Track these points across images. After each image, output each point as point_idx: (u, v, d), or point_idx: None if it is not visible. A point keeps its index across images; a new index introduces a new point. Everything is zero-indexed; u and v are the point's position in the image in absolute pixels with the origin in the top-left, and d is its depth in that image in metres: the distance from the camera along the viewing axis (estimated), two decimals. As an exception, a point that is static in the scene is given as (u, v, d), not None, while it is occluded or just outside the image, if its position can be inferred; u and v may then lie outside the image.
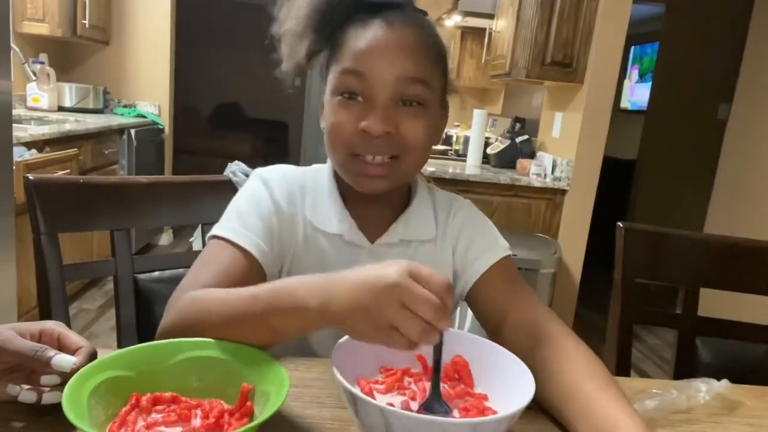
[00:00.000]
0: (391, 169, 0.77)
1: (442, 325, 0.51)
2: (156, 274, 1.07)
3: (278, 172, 0.86)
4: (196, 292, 0.68)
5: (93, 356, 0.58)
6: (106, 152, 3.33)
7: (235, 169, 1.19)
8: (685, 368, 1.08)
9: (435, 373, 0.57)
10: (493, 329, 0.79)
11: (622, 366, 1.08)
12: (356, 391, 0.49)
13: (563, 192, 2.83)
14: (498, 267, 0.83)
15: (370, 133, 0.73)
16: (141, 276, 1.05)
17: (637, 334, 3.32)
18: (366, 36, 0.74)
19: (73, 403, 0.48)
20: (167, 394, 0.55)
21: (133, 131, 3.56)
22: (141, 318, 1.04)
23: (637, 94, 5.41)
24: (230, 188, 1.16)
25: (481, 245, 0.85)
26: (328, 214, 0.84)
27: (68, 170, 2.70)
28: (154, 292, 1.04)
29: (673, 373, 1.08)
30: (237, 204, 0.82)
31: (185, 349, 0.59)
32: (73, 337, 0.59)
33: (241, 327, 0.62)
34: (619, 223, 1.09)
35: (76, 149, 2.82)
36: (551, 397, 0.63)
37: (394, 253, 0.85)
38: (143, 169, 3.69)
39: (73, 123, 3.13)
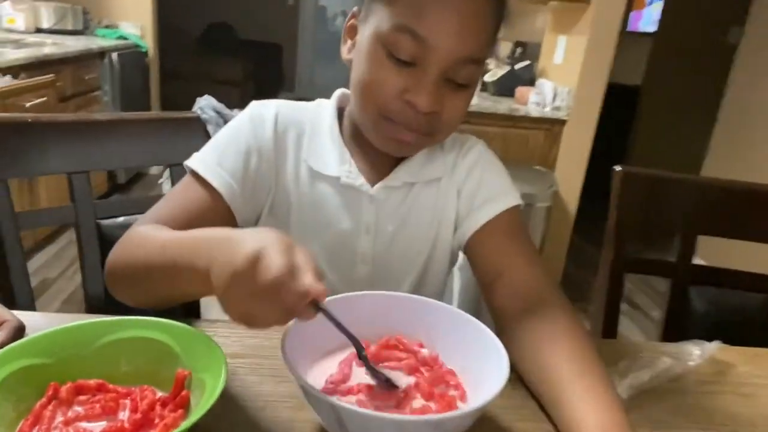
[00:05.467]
0: (422, 141, 0.72)
1: (303, 311, 0.44)
2: (121, 219, 1.01)
3: (272, 109, 0.78)
4: (140, 227, 0.66)
5: (19, 331, 0.52)
6: (87, 78, 3.18)
7: (203, 104, 1.10)
8: (678, 319, 1.04)
9: (357, 350, 0.51)
10: (487, 286, 0.74)
11: (610, 316, 1.04)
12: (306, 383, 0.44)
13: (562, 122, 2.72)
14: (502, 218, 0.76)
15: (417, 108, 0.65)
16: (104, 222, 0.99)
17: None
18: None
19: None
20: (92, 382, 0.49)
21: (114, 55, 3.39)
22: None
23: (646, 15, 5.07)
24: (198, 126, 1.07)
25: (488, 191, 0.78)
26: (327, 156, 0.77)
27: (45, 98, 2.57)
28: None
29: (664, 325, 1.05)
30: (219, 136, 0.77)
31: (113, 330, 0.53)
32: (-2, 309, 0.54)
33: (150, 277, 0.58)
34: (616, 167, 1.01)
35: (53, 75, 2.68)
36: (530, 378, 0.59)
37: (395, 196, 0.79)
38: (128, 96, 3.54)
39: (51, 46, 2.96)
